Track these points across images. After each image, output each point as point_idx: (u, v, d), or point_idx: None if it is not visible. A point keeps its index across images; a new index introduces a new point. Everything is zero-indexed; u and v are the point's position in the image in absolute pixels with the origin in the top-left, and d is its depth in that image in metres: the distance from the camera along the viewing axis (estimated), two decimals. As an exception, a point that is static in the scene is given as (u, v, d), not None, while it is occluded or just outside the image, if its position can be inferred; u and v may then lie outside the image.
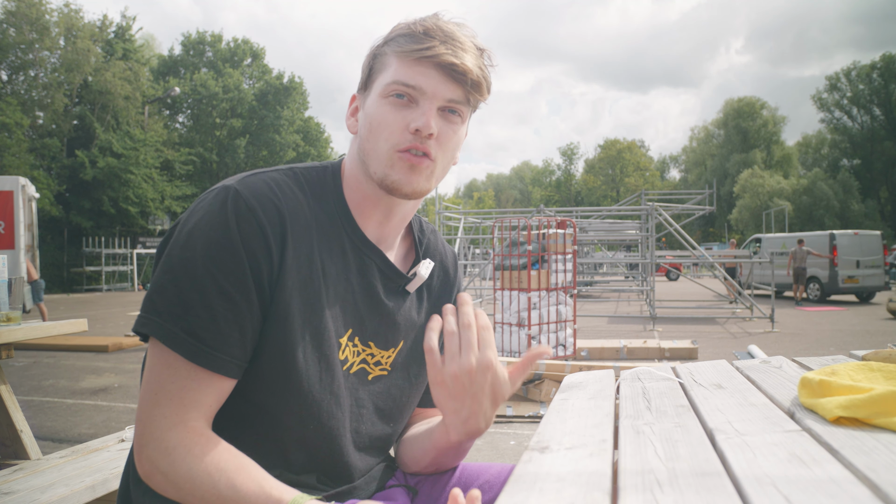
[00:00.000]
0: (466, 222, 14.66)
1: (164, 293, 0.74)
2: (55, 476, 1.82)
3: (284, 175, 0.85)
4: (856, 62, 55.58)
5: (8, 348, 2.26)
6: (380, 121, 0.83)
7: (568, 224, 6.49)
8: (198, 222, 0.76)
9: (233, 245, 0.75)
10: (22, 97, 22.87)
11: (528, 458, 0.70)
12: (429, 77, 0.81)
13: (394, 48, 0.83)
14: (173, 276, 0.74)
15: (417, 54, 0.81)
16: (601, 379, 1.19)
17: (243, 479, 0.72)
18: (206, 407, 0.75)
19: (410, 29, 0.83)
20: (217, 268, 0.74)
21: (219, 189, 0.79)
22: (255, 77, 32.74)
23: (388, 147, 0.82)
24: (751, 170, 46.15)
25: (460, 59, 0.81)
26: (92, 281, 23.07)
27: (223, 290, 0.74)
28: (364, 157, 0.85)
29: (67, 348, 7.29)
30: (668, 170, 67.03)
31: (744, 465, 0.61)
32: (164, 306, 0.74)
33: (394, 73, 0.82)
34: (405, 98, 0.82)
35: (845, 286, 13.63)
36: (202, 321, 0.73)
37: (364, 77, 0.88)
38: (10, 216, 8.99)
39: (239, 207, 0.76)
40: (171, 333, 0.73)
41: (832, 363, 1.02)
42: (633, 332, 8.62)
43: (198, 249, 0.75)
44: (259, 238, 0.76)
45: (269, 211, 0.78)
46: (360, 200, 0.88)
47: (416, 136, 0.81)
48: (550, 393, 4.14)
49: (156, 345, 0.75)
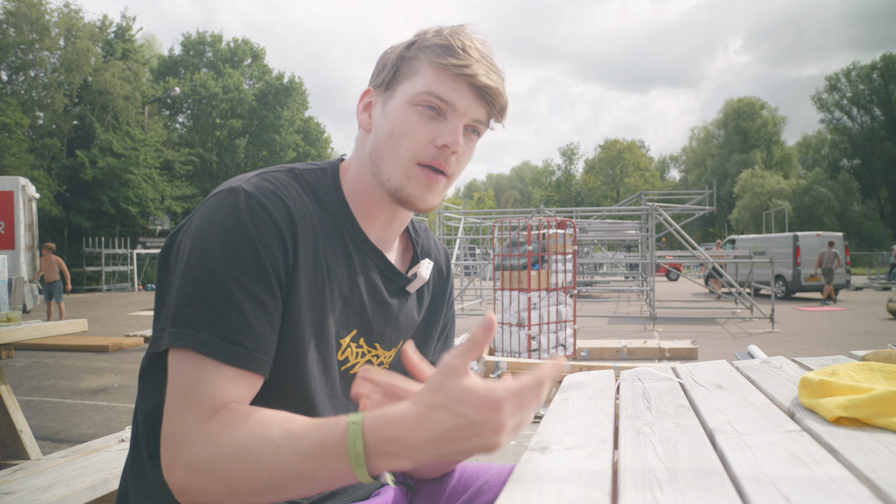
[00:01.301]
0: (466, 222, 14.65)
1: (193, 304, 0.72)
2: (55, 476, 1.82)
3: (286, 175, 0.83)
4: (856, 62, 55.69)
5: (8, 348, 2.27)
6: (405, 128, 0.81)
7: (568, 224, 6.49)
8: (212, 227, 0.75)
9: (251, 244, 0.74)
10: (22, 97, 22.88)
11: (528, 458, 0.70)
12: (463, 95, 0.81)
13: (430, 57, 0.81)
14: (198, 285, 0.72)
15: (456, 70, 0.80)
16: (601, 379, 1.19)
17: (296, 423, 0.67)
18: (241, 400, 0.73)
19: (449, 41, 0.81)
20: (239, 269, 0.73)
21: (226, 191, 0.77)
22: (256, 77, 32.74)
23: (410, 157, 0.81)
24: (751, 170, 46.16)
25: (494, 83, 0.82)
26: (92, 281, 23.07)
27: (249, 290, 0.73)
28: (378, 160, 0.84)
29: (67, 348, 7.29)
30: (668, 170, 67.04)
31: (744, 464, 0.61)
32: (195, 317, 0.71)
33: (427, 84, 0.81)
34: (435, 111, 0.81)
35: (808, 284, 14.74)
36: (236, 324, 0.72)
37: (387, 76, 0.85)
38: (10, 216, 9.00)
39: (252, 206, 0.75)
40: (207, 342, 0.70)
41: (832, 363, 1.02)
42: (633, 332, 8.62)
43: (217, 253, 0.73)
44: (275, 235, 0.76)
45: (280, 209, 0.77)
46: (365, 202, 0.88)
47: (440, 151, 0.81)
48: (550, 393, 4.14)
49: (184, 356, 0.72)
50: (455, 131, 0.80)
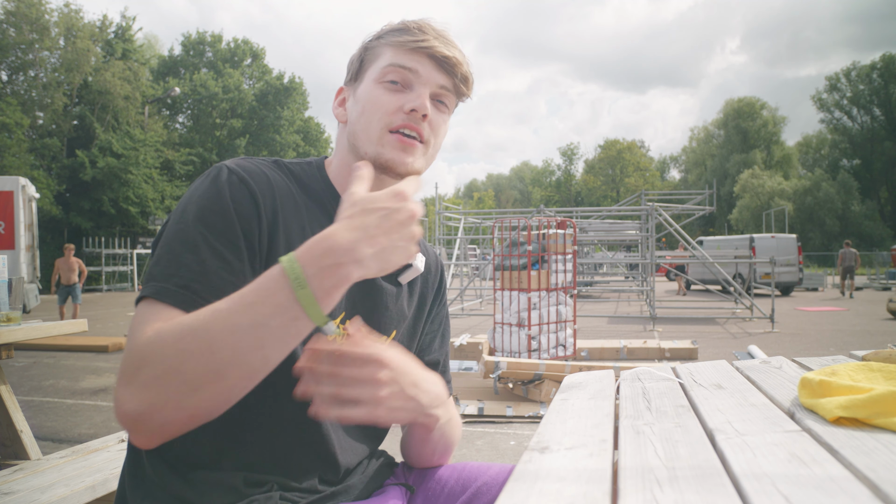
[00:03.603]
0: (466, 222, 14.65)
1: (160, 262, 0.75)
2: (55, 476, 1.82)
3: (272, 168, 0.87)
4: (855, 62, 55.73)
5: (8, 348, 2.27)
6: (373, 102, 0.85)
7: (568, 224, 6.49)
8: (191, 195, 0.79)
9: (224, 208, 0.76)
10: (22, 97, 22.88)
11: (528, 459, 0.70)
12: (423, 64, 0.86)
13: (388, 40, 0.87)
14: (169, 245, 0.75)
15: (413, 45, 0.85)
16: (601, 379, 1.19)
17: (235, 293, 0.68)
18: None
19: (404, 24, 0.88)
20: (208, 229, 0.75)
21: (210, 169, 0.82)
22: (256, 77, 32.75)
23: (381, 126, 0.85)
24: (751, 170, 46.16)
25: (451, 53, 0.87)
26: (92, 281, 23.02)
27: (215, 249, 0.75)
28: (354, 140, 0.87)
29: (67, 348, 7.29)
30: (668, 170, 67.04)
31: (744, 465, 0.61)
32: (159, 271, 0.74)
33: (389, 59, 0.86)
34: (399, 84, 0.86)
35: (762, 281, 16.11)
36: (194, 275, 0.73)
37: (354, 69, 0.91)
38: (10, 216, 8.99)
39: (231, 178, 0.79)
40: (164, 289, 0.72)
41: (832, 363, 1.02)
42: (633, 332, 8.62)
43: (190, 216, 0.76)
44: (251, 204, 0.78)
45: (261, 183, 0.81)
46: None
47: (410, 116, 0.85)
48: (550, 393, 4.13)
49: (143, 304, 0.72)
50: (421, 97, 0.85)
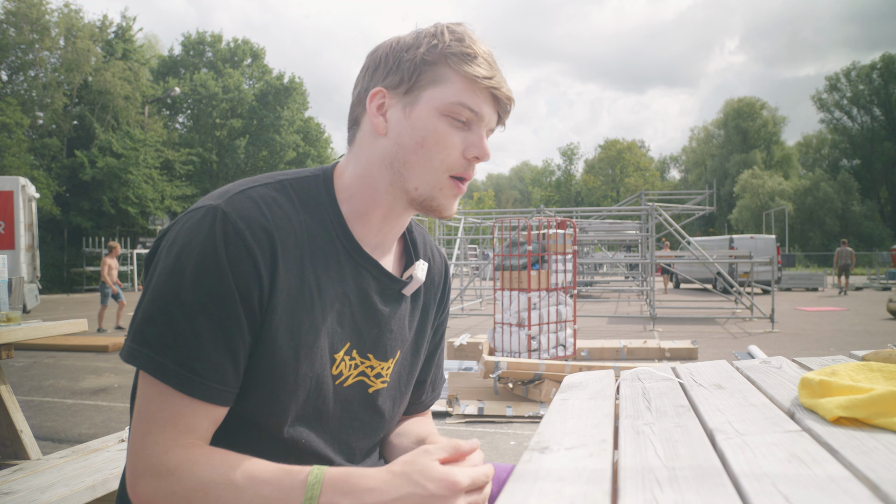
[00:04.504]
0: (466, 222, 14.64)
1: (154, 323, 0.73)
2: (55, 476, 1.82)
3: (273, 189, 0.81)
4: (855, 62, 55.77)
5: (8, 348, 2.27)
6: (437, 139, 0.81)
7: (568, 224, 6.48)
8: (185, 246, 0.74)
9: (221, 271, 0.73)
10: (22, 97, 22.85)
11: (528, 458, 0.70)
12: (488, 106, 0.83)
13: (456, 66, 0.80)
14: (163, 304, 0.73)
15: (486, 83, 0.81)
16: (601, 379, 1.19)
17: (260, 467, 0.71)
18: (202, 430, 0.74)
19: (473, 50, 0.81)
20: (206, 295, 0.72)
21: (206, 209, 0.76)
22: (256, 77, 32.69)
23: (444, 169, 0.82)
24: (751, 170, 46.14)
25: (511, 94, 0.84)
26: (92, 281, 23.01)
27: (213, 319, 0.73)
28: (402, 169, 0.82)
29: (67, 348, 7.28)
30: (668, 170, 67.00)
31: (744, 464, 0.61)
32: (154, 337, 0.72)
33: (458, 94, 0.80)
34: (463, 121, 0.82)
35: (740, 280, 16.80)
36: (193, 352, 0.72)
37: (406, 78, 0.82)
38: (10, 216, 8.99)
39: (227, 230, 0.74)
40: (162, 366, 0.71)
41: (832, 363, 1.02)
42: (633, 332, 8.62)
43: (186, 276, 0.73)
44: (248, 262, 0.74)
45: (257, 232, 0.75)
46: (366, 207, 0.86)
47: (470, 163, 0.83)
48: (550, 393, 4.13)
49: (146, 381, 0.74)
50: (482, 142, 0.83)
